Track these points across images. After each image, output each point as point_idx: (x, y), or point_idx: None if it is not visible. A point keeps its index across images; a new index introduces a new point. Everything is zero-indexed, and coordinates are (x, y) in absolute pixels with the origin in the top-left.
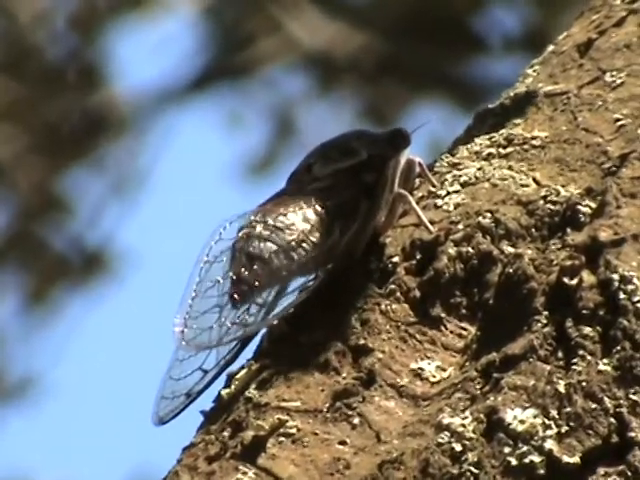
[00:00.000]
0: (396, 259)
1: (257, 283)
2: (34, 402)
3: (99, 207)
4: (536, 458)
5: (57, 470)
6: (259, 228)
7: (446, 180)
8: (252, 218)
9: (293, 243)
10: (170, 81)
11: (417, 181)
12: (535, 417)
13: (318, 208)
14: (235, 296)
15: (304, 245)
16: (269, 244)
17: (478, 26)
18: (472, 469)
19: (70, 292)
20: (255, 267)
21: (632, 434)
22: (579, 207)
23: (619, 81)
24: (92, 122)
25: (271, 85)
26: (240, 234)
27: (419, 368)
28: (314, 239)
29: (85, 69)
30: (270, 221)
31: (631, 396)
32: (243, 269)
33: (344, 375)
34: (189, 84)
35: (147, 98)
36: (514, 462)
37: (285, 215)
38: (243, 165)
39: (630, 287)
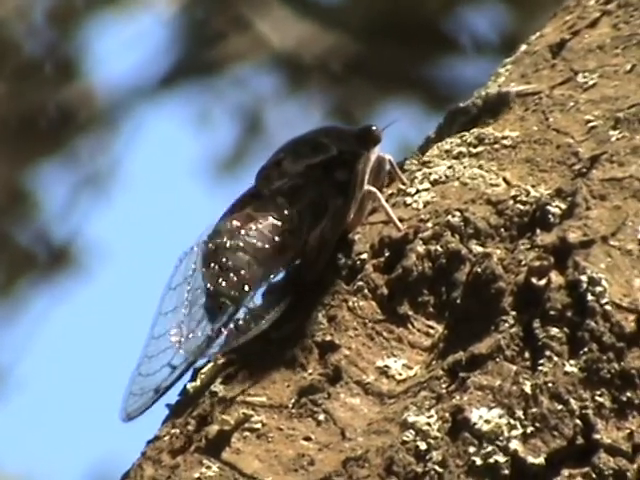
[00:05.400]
0: (364, 256)
1: (232, 293)
2: None
3: (68, 201)
4: (501, 458)
5: (22, 463)
6: (229, 237)
7: (416, 178)
8: (222, 224)
9: (262, 248)
10: (142, 77)
11: (387, 178)
12: (500, 417)
13: (287, 207)
14: (212, 309)
15: (274, 248)
16: (240, 253)
17: (449, 28)
18: (436, 468)
19: (36, 286)
20: (228, 276)
21: (597, 436)
22: (549, 208)
23: (591, 82)
24: (64, 116)
25: (240, 83)
26: (210, 244)
27: (385, 366)
28: (283, 241)
29: (61, 63)
30: (239, 228)
31: (597, 398)
32: (217, 281)
33: (310, 371)
34: (160, 80)
35: (119, 93)
36: (479, 462)
37: (254, 219)
38: (212, 162)
39: (598, 289)
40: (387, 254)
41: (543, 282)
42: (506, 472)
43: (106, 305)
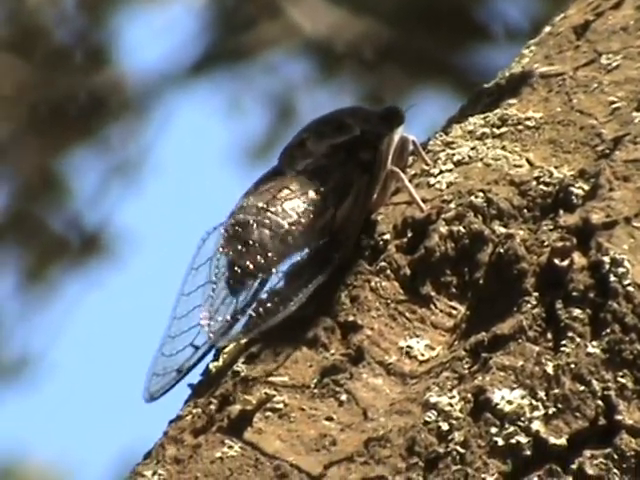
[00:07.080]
0: (387, 236)
1: (254, 269)
2: (31, 381)
3: (99, 188)
4: (523, 439)
5: (53, 447)
6: (252, 213)
7: (439, 159)
8: (245, 201)
9: (286, 226)
10: (173, 64)
11: (410, 159)
12: (523, 398)
13: (310, 187)
14: (232, 283)
15: (297, 227)
16: (263, 229)
17: (481, 15)
18: (458, 448)
19: (68, 272)
20: (251, 253)
21: (619, 417)
22: (572, 189)
23: (615, 64)
24: (95, 103)
25: (271, 70)
26: (234, 220)
27: (408, 346)
28: (306, 220)
29: (92, 50)
30: (262, 205)
31: (619, 379)
32: (239, 255)
33: (332, 351)
34: (191, 67)
35: (150, 80)
36: (500, 442)
37: (277, 197)
38: (243, 149)
39: (621, 270)
40: (410, 235)
41: (566, 263)
42: (528, 453)
43: (137, 291)
